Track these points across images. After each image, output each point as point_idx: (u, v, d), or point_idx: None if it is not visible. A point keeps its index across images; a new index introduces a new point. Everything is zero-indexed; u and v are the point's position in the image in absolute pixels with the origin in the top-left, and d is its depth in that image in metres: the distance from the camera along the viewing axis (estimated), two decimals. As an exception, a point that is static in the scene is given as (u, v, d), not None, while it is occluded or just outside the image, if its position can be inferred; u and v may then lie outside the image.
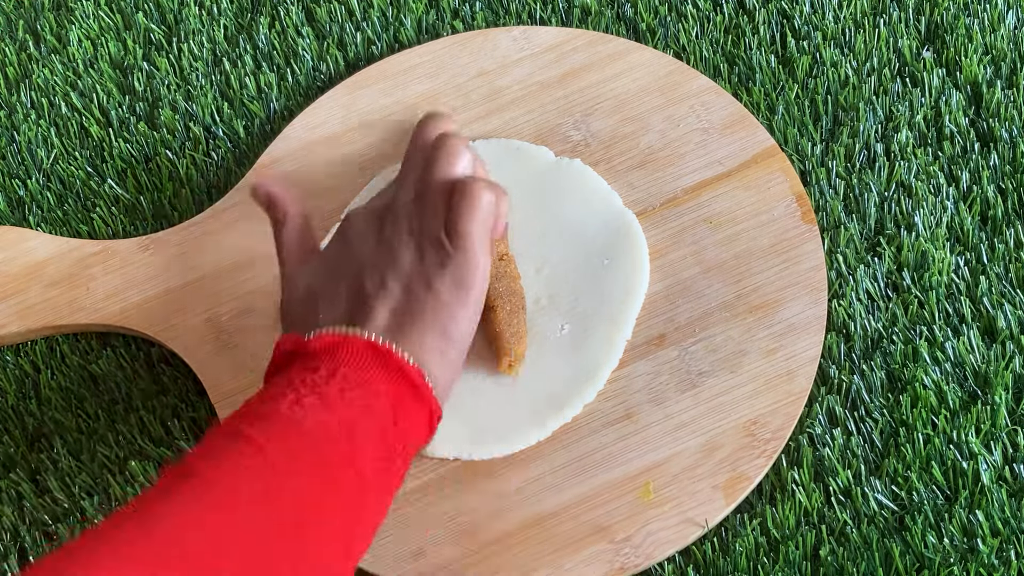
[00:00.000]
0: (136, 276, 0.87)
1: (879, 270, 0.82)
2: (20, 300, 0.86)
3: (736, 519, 0.77)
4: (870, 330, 0.81)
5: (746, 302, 0.82)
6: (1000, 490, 0.75)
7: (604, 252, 0.83)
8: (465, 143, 0.75)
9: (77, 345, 0.86)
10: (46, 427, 0.84)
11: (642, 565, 0.76)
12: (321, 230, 0.87)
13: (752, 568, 0.75)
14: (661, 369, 0.80)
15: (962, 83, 0.87)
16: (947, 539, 0.74)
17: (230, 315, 0.85)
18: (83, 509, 0.81)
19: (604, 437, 0.79)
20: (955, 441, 0.77)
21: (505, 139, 0.88)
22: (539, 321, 0.81)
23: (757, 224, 0.84)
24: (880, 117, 0.87)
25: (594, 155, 0.87)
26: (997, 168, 0.84)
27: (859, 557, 0.74)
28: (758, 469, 0.77)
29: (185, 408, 0.83)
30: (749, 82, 0.89)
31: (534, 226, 0.84)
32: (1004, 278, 0.81)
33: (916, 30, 0.90)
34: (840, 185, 0.85)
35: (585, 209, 0.84)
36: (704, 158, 0.86)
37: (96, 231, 0.90)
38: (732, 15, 0.92)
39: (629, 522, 0.77)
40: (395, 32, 0.94)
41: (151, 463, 0.82)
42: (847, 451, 0.77)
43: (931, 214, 0.83)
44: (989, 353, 0.79)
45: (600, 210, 0.84)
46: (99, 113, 0.93)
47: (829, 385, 0.79)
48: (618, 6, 0.93)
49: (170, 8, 0.97)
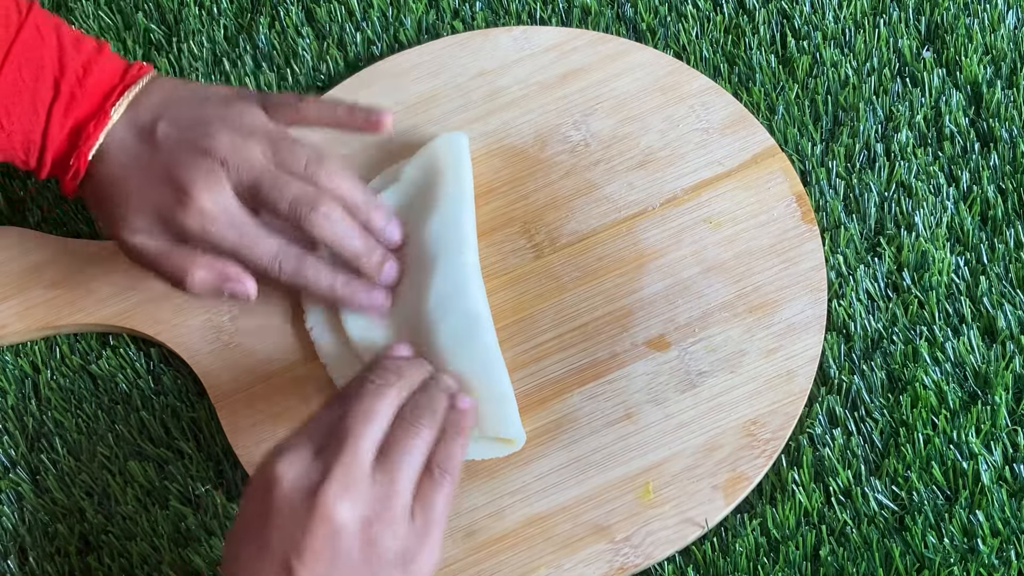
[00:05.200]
0: (136, 276, 0.87)
1: (879, 270, 0.82)
2: (20, 300, 0.86)
3: (736, 519, 0.77)
4: (870, 330, 0.81)
5: (746, 302, 0.82)
6: (1000, 490, 0.75)
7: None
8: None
9: (77, 345, 0.86)
10: (46, 427, 0.84)
11: (642, 565, 0.76)
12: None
13: (752, 568, 0.75)
14: (661, 369, 0.80)
15: (962, 83, 0.87)
16: (947, 539, 0.74)
17: (230, 315, 0.85)
18: (83, 509, 0.81)
19: (604, 437, 0.79)
20: (955, 441, 0.77)
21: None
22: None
23: (757, 224, 0.84)
24: (880, 117, 0.87)
25: (594, 155, 0.87)
26: (997, 168, 0.84)
27: (859, 557, 0.74)
28: (758, 469, 0.77)
29: (185, 408, 0.83)
30: (749, 82, 0.89)
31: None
32: (1004, 278, 0.81)
33: (916, 30, 0.90)
34: (840, 185, 0.85)
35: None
36: (704, 158, 0.86)
37: (96, 231, 0.90)
38: (732, 15, 0.92)
39: (629, 522, 0.77)
40: (395, 32, 0.94)
41: (151, 463, 0.82)
42: (847, 451, 0.77)
43: (931, 214, 0.83)
44: (989, 353, 0.79)
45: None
46: (99, 113, 0.93)
47: (829, 385, 0.79)
48: (618, 6, 0.93)
49: (170, 8, 0.97)
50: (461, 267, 0.82)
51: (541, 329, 0.83)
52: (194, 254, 0.80)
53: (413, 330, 0.81)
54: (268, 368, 0.83)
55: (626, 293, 0.83)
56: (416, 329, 0.81)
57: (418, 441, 0.71)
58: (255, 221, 0.80)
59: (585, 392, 0.80)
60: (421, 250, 0.83)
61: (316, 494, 0.67)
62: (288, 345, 0.84)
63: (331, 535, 0.67)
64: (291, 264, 0.80)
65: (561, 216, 0.86)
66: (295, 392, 0.82)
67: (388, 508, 0.68)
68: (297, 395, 0.82)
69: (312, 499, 0.67)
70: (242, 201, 0.80)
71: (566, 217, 0.86)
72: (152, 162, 0.80)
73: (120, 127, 0.80)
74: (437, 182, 0.85)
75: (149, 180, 0.79)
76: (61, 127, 0.80)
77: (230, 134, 0.80)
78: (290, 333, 0.84)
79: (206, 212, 0.79)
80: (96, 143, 0.80)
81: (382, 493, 0.69)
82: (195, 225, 0.79)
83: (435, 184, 0.85)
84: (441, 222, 0.83)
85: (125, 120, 0.80)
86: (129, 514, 0.81)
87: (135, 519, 0.80)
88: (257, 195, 0.79)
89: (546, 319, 0.83)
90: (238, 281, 0.80)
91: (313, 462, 0.69)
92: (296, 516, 0.67)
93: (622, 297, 0.83)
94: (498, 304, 0.83)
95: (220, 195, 0.79)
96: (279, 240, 0.80)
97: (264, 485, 0.69)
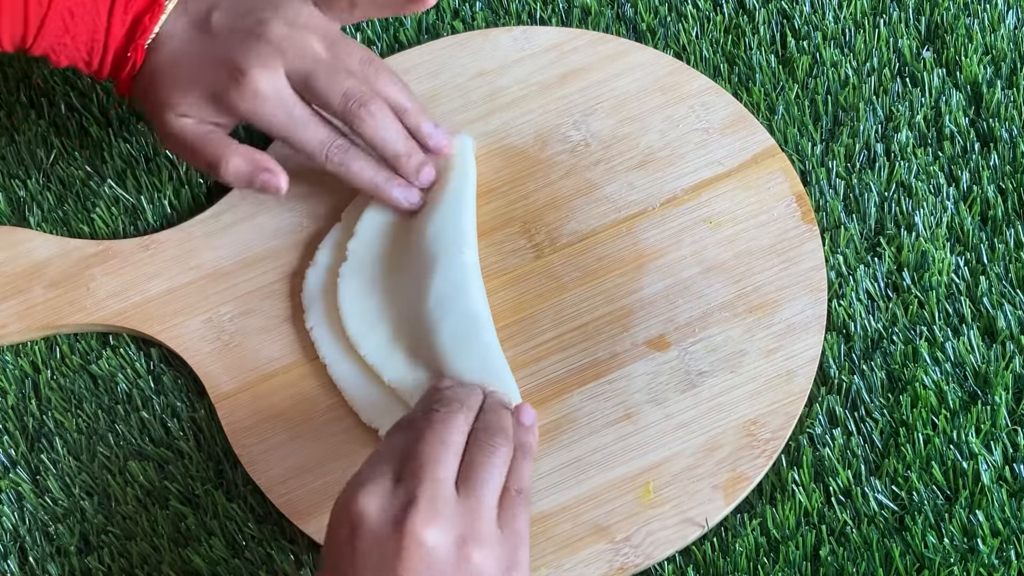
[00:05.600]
0: (136, 276, 0.87)
1: (879, 270, 0.82)
2: (20, 300, 0.86)
3: (736, 519, 0.77)
4: (870, 330, 0.81)
5: (746, 302, 0.82)
6: (1000, 490, 0.75)
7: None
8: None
9: (77, 345, 0.86)
10: (46, 427, 0.84)
11: (642, 565, 0.76)
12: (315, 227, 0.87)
13: (752, 568, 0.75)
14: (661, 369, 0.80)
15: (962, 83, 0.87)
16: (947, 539, 0.74)
17: (230, 315, 0.85)
18: (83, 509, 0.81)
19: (604, 437, 0.79)
20: (955, 441, 0.77)
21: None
22: None
23: (757, 224, 0.84)
24: (880, 117, 0.87)
25: (594, 155, 0.87)
26: (997, 168, 0.84)
27: (859, 557, 0.74)
28: (758, 469, 0.77)
29: (185, 408, 0.83)
30: (749, 82, 0.89)
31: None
32: (1004, 278, 0.81)
33: (916, 30, 0.90)
34: (840, 185, 0.85)
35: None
36: (704, 158, 0.86)
37: (96, 231, 0.90)
38: (732, 15, 0.92)
39: (629, 522, 0.77)
40: (395, 32, 0.94)
41: (151, 463, 0.82)
42: (847, 451, 0.77)
43: (931, 214, 0.83)
44: (989, 353, 0.79)
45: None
46: (99, 113, 0.93)
47: (829, 385, 0.79)
48: (618, 6, 0.93)
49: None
50: (461, 267, 0.82)
51: (541, 329, 0.83)
52: (233, 142, 0.82)
53: (413, 330, 0.81)
54: (268, 368, 0.83)
55: (626, 293, 0.83)
56: (416, 329, 0.81)
57: (497, 460, 0.71)
58: (306, 107, 0.82)
59: (585, 392, 0.80)
60: (421, 250, 0.83)
61: (404, 522, 0.67)
62: (288, 345, 0.84)
63: (426, 559, 0.66)
64: (337, 153, 0.82)
65: (561, 216, 0.86)
66: (295, 392, 0.82)
67: (478, 528, 0.68)
68: (297, 395, 0.82)
69: (400, 528, 0.67)
70: (294, 89, 0.82)
71: (566, 217, 0.86)
72: (206, 48, 0.82)
73: (174, 17, 0.82)
74: (438, 183, 0.85)
75: (202, 64, 0.81)
76: (122, 24, 0.82)
77: (286, 25, 0.81)
78: (290, 333, 0.84)
79: (260, 93, 0.80)
80: (152, 34, 0.82)
81: (470, 515, 0.68)
82: (247, 106, 0.81)
83: (436, 185, 0.85)
84: (441, 222, 0.83)
85: (179, 10, 0.83)
86: (129, 514, 0.81)
87: (135, 519, 0.80)
88: (309, 86, 0.81)
89: (546, 319, 0.83)
90: (272, 173, 0.82)
91: (395, 492, 0.68)
92: (386, 548, 0.67)
93: (622, 297, 0.83)
94: (498, 304, 0.83)
95: (275, 78, 0.81)
96: (328, 128, 0.83)
97: (349, 520, 0.68)
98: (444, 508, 0.67)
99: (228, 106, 0.81)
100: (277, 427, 0.81)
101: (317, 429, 0.81)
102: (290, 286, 0.86)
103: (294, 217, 0.88)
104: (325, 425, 0.81)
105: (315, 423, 0.81)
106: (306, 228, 0.88)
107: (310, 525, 0.78)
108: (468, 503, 0.68)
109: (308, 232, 0.87)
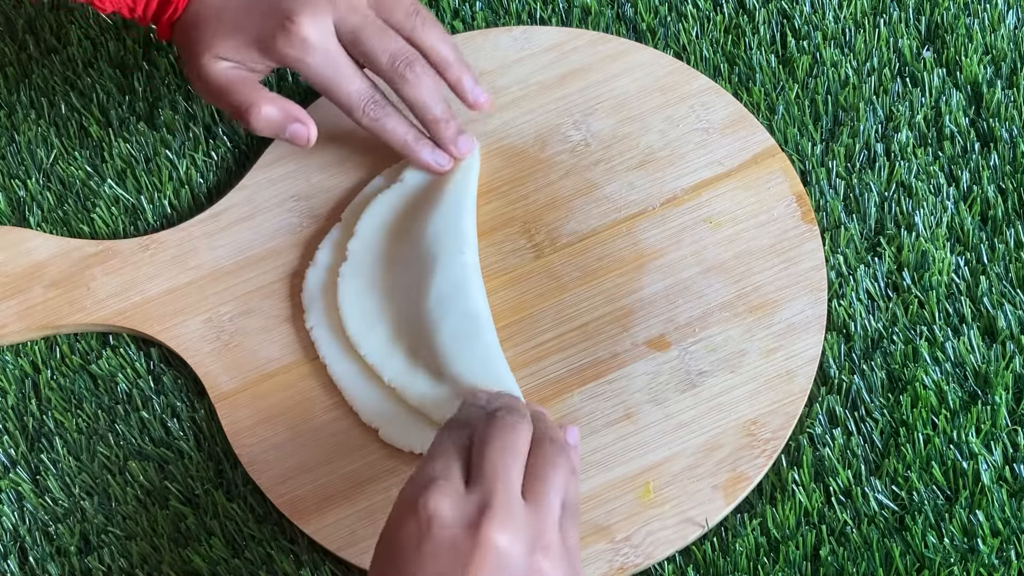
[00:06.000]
0: (136, 276, 0.87)
1: (879, 270, 0.82)
2: (20, 300, 0.86)
3: (736, 519, 0.77)
4: (870, 330, 0.81)
5: (746, 302, 0.82)
6: (1000, 490, 0.75)
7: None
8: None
9: (77, 345, 0.86)
10: (46, 427, 0.84)
11: (642, 565, 0.76)
12: (315, 227, 0.87)
13: (752, 568, 0.75)
14: (661, 369, 0.80)
15: (962, 83, 0.87)
16: (947, 539, 0.74)
17: (230, 315, 0.85)
18: (83, 509, 0.81)
19: (604, 437, 0.79)
20: (955, 441, 0.77)
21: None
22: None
23: (757, 224, 0.84)
24: (880, 117, 0.87)
25: (594, 155, 0.87)
26: (997, 168, 0.85)
27: (859, 557, 0.74)
28: (758, 469, 0.77)
29: (185, 408, 0.83)
30: (749, 82, 0.89)
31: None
32: (1004, 278, 0.81)
33: (916, 30, 0.90)
34: (840, 185, 0.85)
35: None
36: (704, 158, 0.86)
37: (96, 231, 0.90)
38: (732, 15, 0.92)
39: (629, 522, 0.77)
40: (395, 32, 0.94)
41: (151, 463, 0.82)
42: (847, 451, 0.77)
43: (931, 214, 0.83)
44: (989, 353, 0.79)
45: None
46: (99, 113, 0.93)
47: (829, 385, 0.79)
48: (618, 6, 0.93)
49: (170, 8, 0.97)
50: (461, 267, 0.82)
51: (541, 329, 0.83)
52: (266, 90, 0.83)
53: (413, 330, 0.81)
54: (268, 368, 0.83)
55: (626, 293, 0.83)
56: (416, 329, 0.81)
57: (562, 472, 0.70)
58: (350, 60, 0.82)
59: (585, 392, 0.80)
60: (421, 250, 0.83)
61: (479, 527, 0.66)
62: (288, 345, 0.84)
63: (499, 565, 0.66)
64: (375, 108, 0.83)
65: (561, 216, 0.86)
66: (295, 392, 0.82)
67: (547, 538, 0.68)
68: (297, 395, 0.82)
69: (475, 533, 0.66)
70: (339, 41, 0.82)
71: (566, 217, 0.86)
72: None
73: None
74: (439, 183, 0.85)
75: (250, 9, 0.82)
76: None
77: None
78: (290, 333, 0.84)
79: (308, 42, 0.81)
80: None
81: (539, 524, 0.68)
82: (294, 53, 0.81)
83: (437, 184, 0.85)
84: (441, 222, 0.83)
85: None
86: (129, 514, 0.81)
87: (135, 519, 0.80)
88: (357, 41, 0.82)
89: (546, 319, 0.83)
90: (304, 123, 0.83)
91: (467, 496, 0.68)
92: (458, 550, 0.66)
93: (622, 297, 0.83)
94: (498, 304, 0.83)
95: (324, 29, 0.81)
96: (368, 83, 0.83)
97: (417, 518, 0.67)
98: (516, 517, 0.67)
99: (274, 52, 0.82)
100: (277, 427, 0.81)
101: (317, 429, 0.81)
102: (290, 286, 0.86)
103: (294, 217, 0.88)
104: (325, 425, 0.81)
105: (315, 423, 0.81)
106: (306, 228, 0.88)
107: (310, 525, 0.78)
108: (538, 513, 0.68)
109: (308, 232, 0.87)
